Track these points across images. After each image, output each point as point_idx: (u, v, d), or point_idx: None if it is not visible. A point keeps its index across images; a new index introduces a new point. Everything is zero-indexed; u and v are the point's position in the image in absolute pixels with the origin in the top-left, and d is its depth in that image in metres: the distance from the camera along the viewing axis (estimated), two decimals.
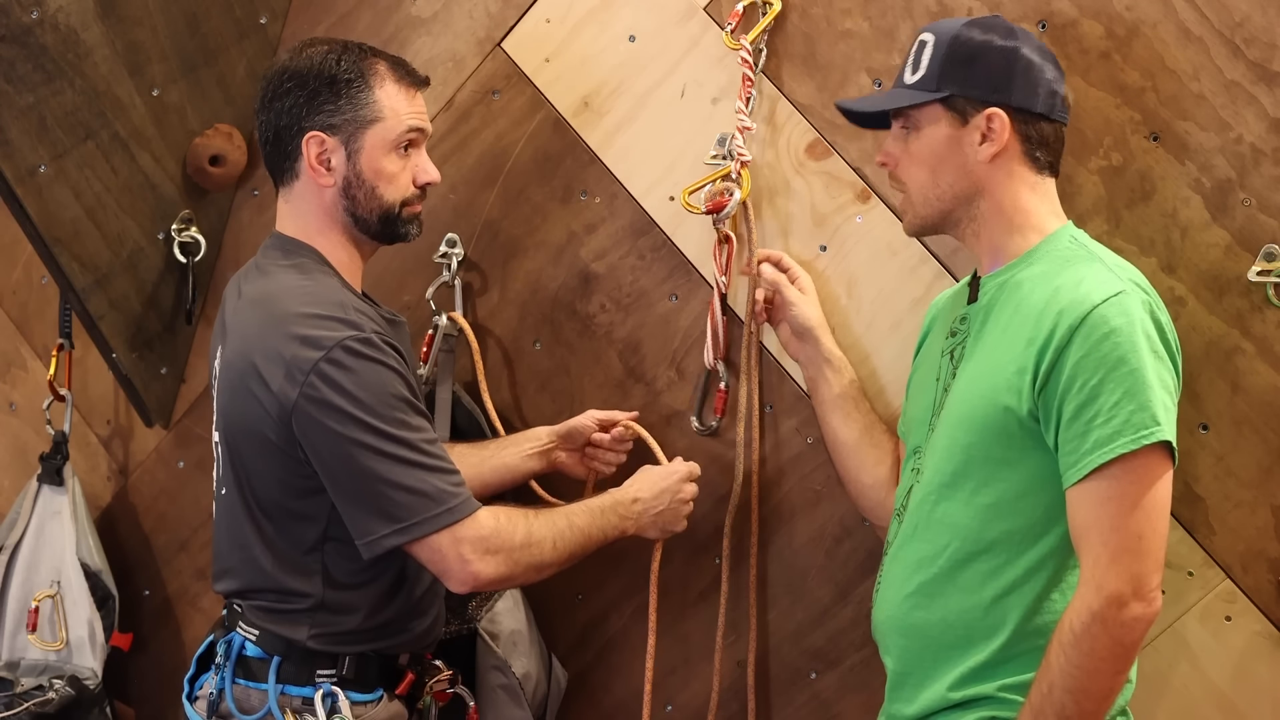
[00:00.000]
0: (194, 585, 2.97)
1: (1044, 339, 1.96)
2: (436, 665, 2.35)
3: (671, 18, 2.57)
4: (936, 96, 2.08)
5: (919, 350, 2.32)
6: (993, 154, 2.06)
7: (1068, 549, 2.00)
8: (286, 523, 2.19)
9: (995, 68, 2.06)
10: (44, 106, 2.59)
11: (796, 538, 2.55)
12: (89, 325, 2.78)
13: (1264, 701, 2.30)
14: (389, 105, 2.22)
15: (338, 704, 2.18)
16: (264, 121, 2.25)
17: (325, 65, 2.21)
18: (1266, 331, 2.24)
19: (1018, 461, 2.01)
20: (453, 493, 2.13)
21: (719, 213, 2.48)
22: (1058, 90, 2.09)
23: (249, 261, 2.32)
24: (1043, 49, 2.10)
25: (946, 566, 2.06)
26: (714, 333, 2.52)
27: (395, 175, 2.24)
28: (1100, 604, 1.89)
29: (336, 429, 2.09)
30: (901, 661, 2.13)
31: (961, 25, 2.10)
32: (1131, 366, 1.92)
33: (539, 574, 2.23)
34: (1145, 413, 1.91)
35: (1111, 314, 1.94)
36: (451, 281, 2.70)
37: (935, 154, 2.10)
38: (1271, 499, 2.26)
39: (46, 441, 2.95)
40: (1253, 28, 2.22)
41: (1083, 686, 1.90)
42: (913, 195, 2.14)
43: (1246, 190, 2.24)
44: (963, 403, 2.07)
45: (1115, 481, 1.91)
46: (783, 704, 2.58)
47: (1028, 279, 2.05)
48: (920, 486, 2.12)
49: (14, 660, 2.90)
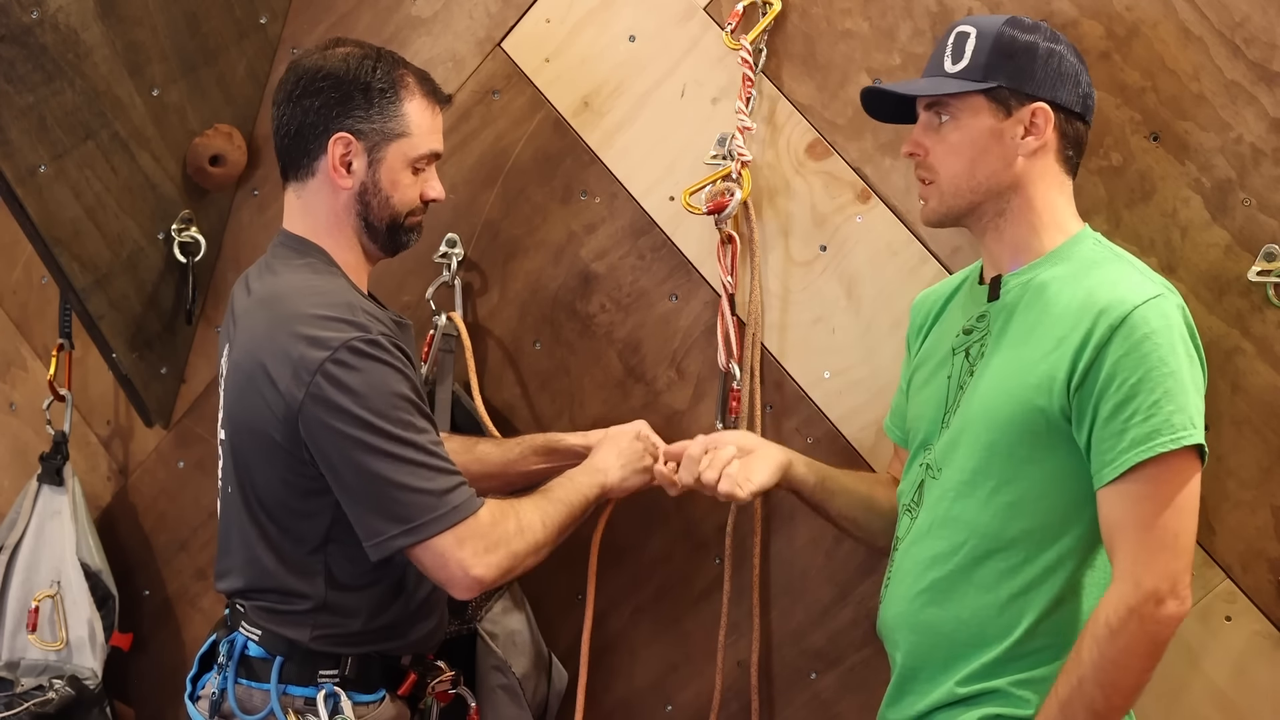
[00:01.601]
0: (194, 585, 2.97)
1: (1081, 338, 1.96)
2: (439, 666, 2.35)
3: (671, 18, 2.57)
4: (984, 86, 2.06)
5: (918, 346, 2.30)
6: (1036, 148, 2.07)
7: (1085, 550, 2.01)
8: (290, 523, 2.19)
9: (1043, 65, 2.07)
10: (44, 106, 2.59)
11: (797, 538, 2.55)
12: (89, 325, 2.78)
13: (1264, 701, 2.30)
14: (415, 121, 2.24)
15: (340, 704, 2.18)
16: (286, 115, 2.24)
17: (361, 71, 2.22)
18: (1266, 331, 2.25)
19: (1042, 460, 2.01)
20: (456, 492, 2.13)
21: (720, 213, 2.48)
22: (1091, 93, 2.11)
23: (260, 259, 2.32)
24: (1077, 53, 2.12)
25: (962, 564, 2.06)
26: (724, 335, 2.52)
27: (408, 189, 2.26)
28: (1139, 600, 1.90)
29: (342, 429, 2.09)
30: (911, 657, 2.12)
31: (1004, 23, 2.10)
32: (1171, 368, 1.94)
33: (537, 556, 2.22)
34: (1184, 415, 1.93)
35: (1151, 315, 1.95)
36: (451, 281, 2.70)
37: (975, 145, 2.08)
38: (1271, 499, 2.26)
39: (46, 441, 2.95)
40: (1253, 28, 2.23)
41: (1113, 681, 1.92)
42: (943, 185, 2.11)
43: (1246, 190, 2.24)
44: (987, 400, 2.06)
45: (1152, 481, 1.93)
46: (783, 704, 2.58)
47: (1053, 279, 2.05)
48: (937, 484, 2.11)
49: (14, 660, 2.90)
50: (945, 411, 2.14)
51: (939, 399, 2.16)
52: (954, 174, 2.10)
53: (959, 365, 2.14)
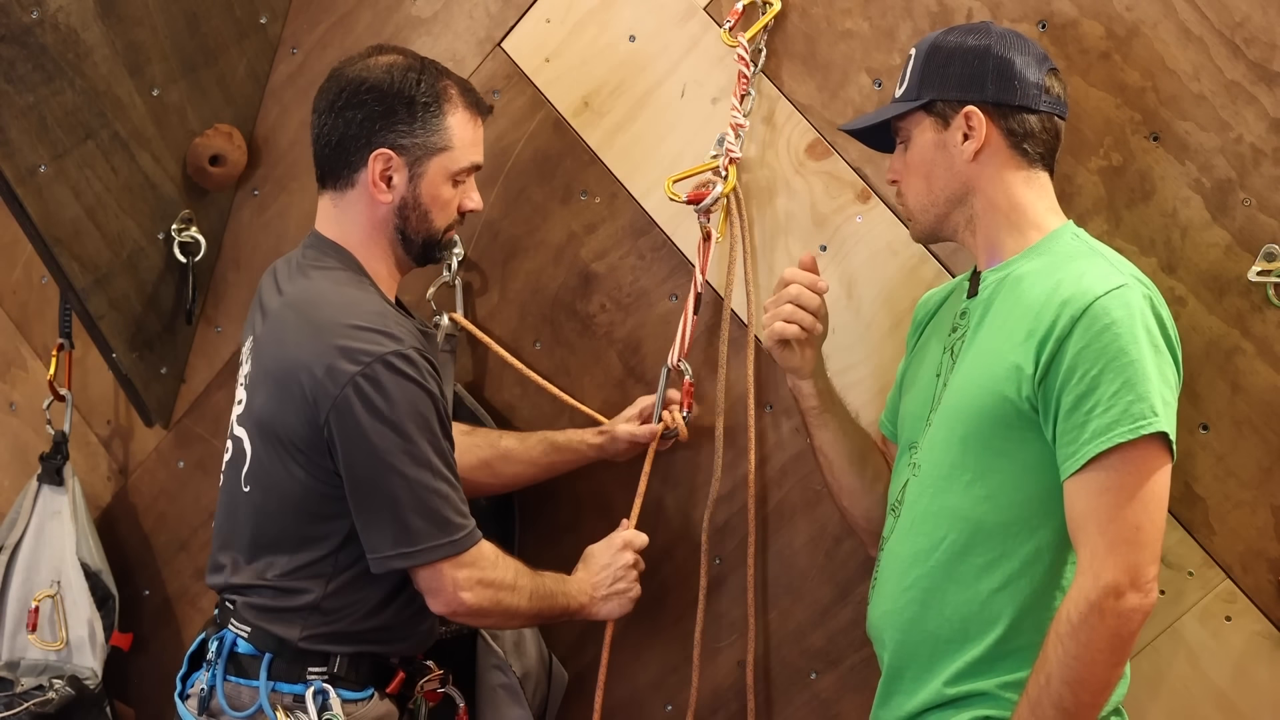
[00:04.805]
0: (194, 585, 2.97)
1: (1045, 330, 1.97)
2: (427, 665, 2.36)
3: (671, 18, 2.58)
4: (918, 104, 2.13)
5: (911, 347, 2.32)
6: (975, 150, 2.09)
7: (1063, 544, 2.01)
8: (309, 527, 2.19)
9: (967, 67, 2.10)
10: (44, 106, 2.59)
11: (797, 538, 2.55)
12: (89, 325, 2.78)
13: (1264, 701, 2.30)
14: (458, 135, 2.24)
15: (329, 701, 2.18)
16: (328, 125, 2.23)
17: (406, 85, 2.21)
18: (1266, 331, 2.25)
19: (1014, 453, 2.02)
20: (460, 524, 2.16)
21: (697, 204, 2.48)
22: (1040, 81, 2.10)
23: (289, 255, 2.32)
24: (1021, 42, 2.12)
25: (943, 560, 2.06)
26: (683, 332, 2.51)
27: (448, 202, 2.27)
28: (1098, 594, 1.90)
29: (364, 444, 2.11)
30: (897, 656, 2.13)
31: (937, 35, 2.15)
32: (1131, 358, 1.93)
33: (507, 621, 2.28)
34: (1144, 403, 1.92)
35: (1113, 306, 1.95)
36: (452, 281, 2.70)
37: (926, 160, 2.14)
38: (1271, 499, 2.26)
39: (46, 441, 2.95)
40: (1253, 28, 2.23)
41: (1080, 677, 1.91)
42: (912, 205, 2.18)
43: (1246, 190, 2.24)
44: (960, 394, 2.08)
45: (1113, 472, 1.92)
46: (783, 704, 2.58)
47: (1028, 273, 2.06)
48: (917, 480, 2.12)
49: (14, 660, 2.90)
50: (930, 410, 2.15)
51: (926, 397, 2.17)
52: (917, 193, 2.16)
53: (945, 364, 2.16)
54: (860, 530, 2.39)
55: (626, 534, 2.44)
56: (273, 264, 2.35)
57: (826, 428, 2.33)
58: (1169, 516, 2.01)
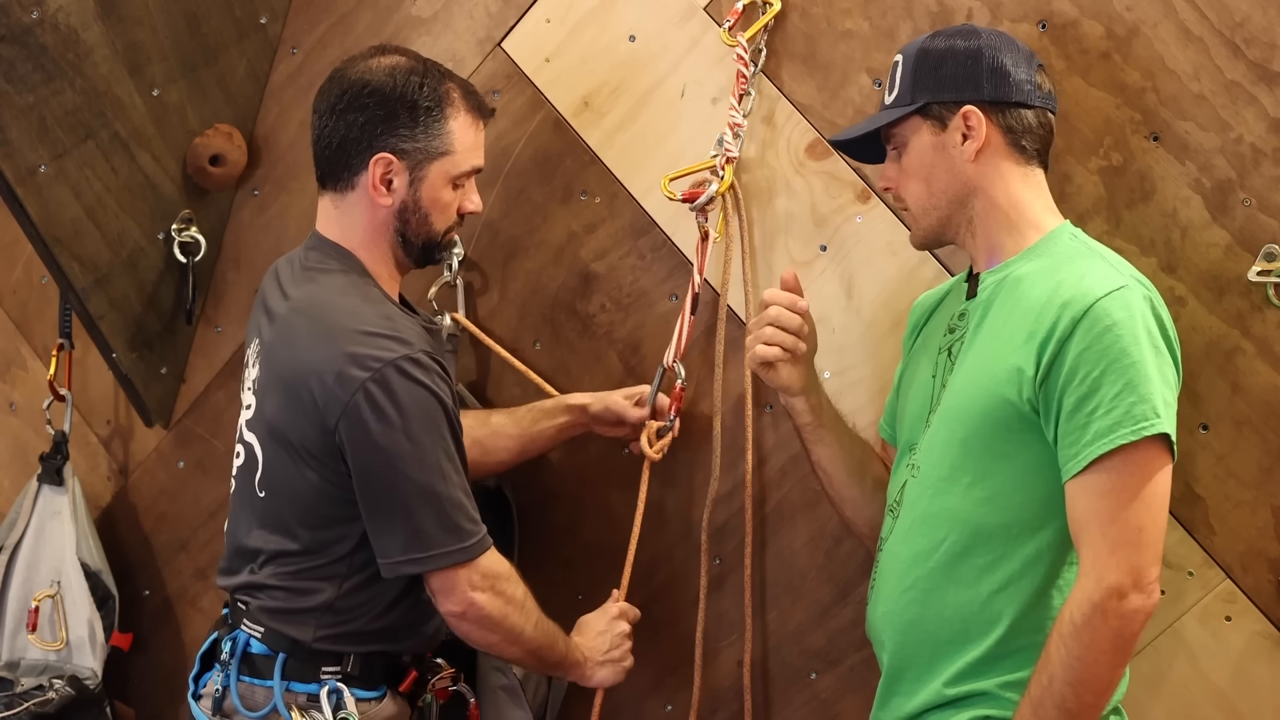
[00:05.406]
0: (194, 585, 2.97)
1: (1046, 332, 1.97)
2: (438, 663, 2.36)
3: (671, 18, 2.57)
4: (913, 109, 2.12)
5: (908, 349, 2.32)
6: (976, 150, 2.09)
7: (1063, 544, 2.01)
8: (324, 531, 2.20)
9: (960, 68, 2.10)
10: (44, 106, 2.59)
11: (797, 538, 2.55)
12: (89, 325, 2.78)
13: (1264, 701, 2.30)
14: (459, 138, 2.24)
15: (343, 701, 2.19)
16: (329, 127, 2.22)
17: (408, 88, 2.20)
18: (1266, 331, 2.25)
19: (1015, 454, 2.02)
20: (471, 531, 2.17)
21: (693, 202, 2.48)
22: (1031, 78, 2.11)
23: (290, 255, 2.32)
24: (1009, 41, 2.13)
25: (943, 561, 2.06)
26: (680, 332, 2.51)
27: (448, 205, 2.27)
28: (1101, 595, 1.90)
29: (375, 451, 2.11)
30: (897, 657, 2.13)
31: (925, 39, 2.16)
32: (1133, 359, 1.93)
33: (510, 643, 2.24)
34: (1146, 405, 1.92)
35: (1113, 307, 1.95)
36: (453, 281, 2.70)
37: (925, 164, 2.13)
38: (1271, 499, 2.26)
39: (46, 441, 2.94)
40: (1253, 28, 2.23)
41: (1082, 678, 1.91)
42: (913, 209, 2.18)
43: (1246, 190, 2.24)
44: (960, 396, 2.08)
45: (1115, 473, 1.92)
46: (783, 704, 2.58)
47: (1027, 274, 2.06)
48: (916, 482, 2.12)
49: (14, 660, 2.90)
50: (929, 411, 2.15)
51: (924, 398, 2.17)
52: (917, 196, 2.15)
53: (943, 365, 2.16)
54: (864, 538, 2.38)
55: (621, 605, 2.46)
56: (274, 264, 2.35)
57: (823, 442, 2.32)
58: (1169, 517, 2.01)
